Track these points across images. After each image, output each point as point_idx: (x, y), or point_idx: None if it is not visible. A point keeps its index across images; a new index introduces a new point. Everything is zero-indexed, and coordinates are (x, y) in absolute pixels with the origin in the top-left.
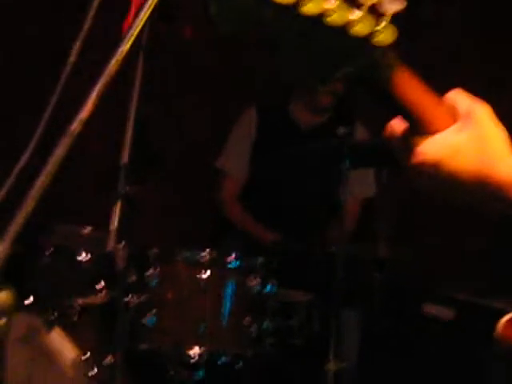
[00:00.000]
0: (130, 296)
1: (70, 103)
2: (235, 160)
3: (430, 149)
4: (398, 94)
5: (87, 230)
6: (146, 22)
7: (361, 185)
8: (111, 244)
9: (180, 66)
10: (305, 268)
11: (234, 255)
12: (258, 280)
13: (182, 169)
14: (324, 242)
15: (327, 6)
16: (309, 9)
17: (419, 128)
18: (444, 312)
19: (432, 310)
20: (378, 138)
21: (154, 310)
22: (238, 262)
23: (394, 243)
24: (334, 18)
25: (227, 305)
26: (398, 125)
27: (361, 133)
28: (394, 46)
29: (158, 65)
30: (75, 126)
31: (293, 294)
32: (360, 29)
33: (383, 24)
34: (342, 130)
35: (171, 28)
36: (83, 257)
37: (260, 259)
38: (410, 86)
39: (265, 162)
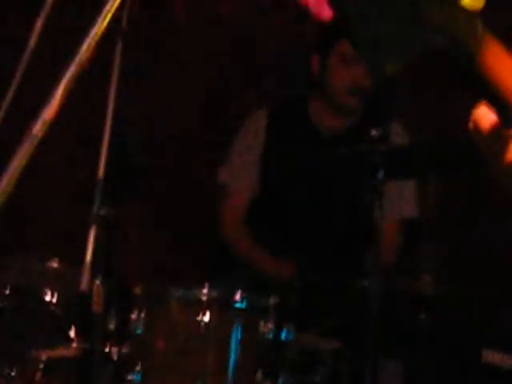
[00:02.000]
0: (109, 347)
1: (31, 100)
2: (240, 174)
3: None
4: (487, 73)
5: (54, 263)
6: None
7: (399, 202)
8: (85, 281)
9: (169, 58)
10: (330, 308)
11: (240, 293)
12: (271, 324)
13: (172, 186)
14: (354, 275)
15: None
16: None
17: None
18: (508, 361)
19: (493, 358)
20: (421, 141)
21: (141, 364)
22: (245, 302)
23: (444, 277)
24: None
25: (233, 356)
26: (485, 113)
27: (398, 135)
28: (482, 14)
29: (142, 57)
30: (37, 128)
31: (315, 340)
32: None
33: None
34: (373, 133)
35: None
36: (50, 298)
37: (273, 298)
38: (501, 64)
39: (277, 175)
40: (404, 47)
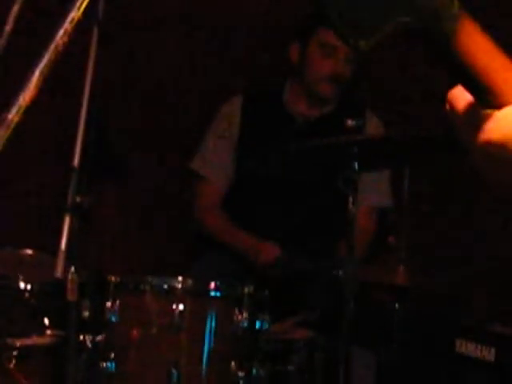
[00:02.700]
0: (83, 335)
1: (6, 85)
2: (215, 161)
3: (497, 126)
4: (462, 53)
5: (28, 252)
6: None
7: (374, 192)
8: (59, 270)
9: (149, 46)
10: (305, 298)
11: (214, 283)
12: (246, 313)
13: (148, 174)
14: (329, 264)
15: None
16: None
17: (486, 98)
18: (482, 351)
19: (467, 348)
20: (396, 132)
21: (115, 353)
22: (219, 291)
23: (417, 266)
24: None
25: (207, 345)
26: (460, 94)
27: (373, 126)
28: None
29: (120, 44)
30: (12, 114)
31: (290, 330)
32: None
33: None
34: (349, 123)
35: None
36: (24, 286)
37: (248, 287)
38: (476, 44)
39: (252, 163)
40: (378, 24)
